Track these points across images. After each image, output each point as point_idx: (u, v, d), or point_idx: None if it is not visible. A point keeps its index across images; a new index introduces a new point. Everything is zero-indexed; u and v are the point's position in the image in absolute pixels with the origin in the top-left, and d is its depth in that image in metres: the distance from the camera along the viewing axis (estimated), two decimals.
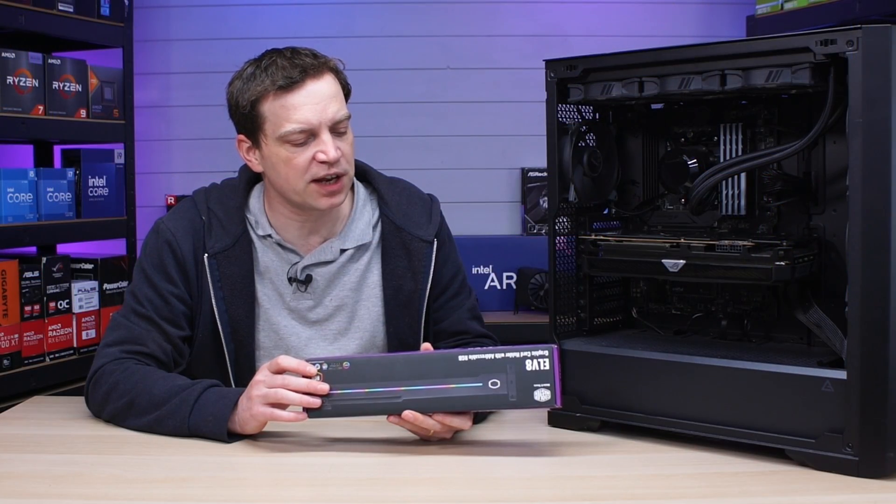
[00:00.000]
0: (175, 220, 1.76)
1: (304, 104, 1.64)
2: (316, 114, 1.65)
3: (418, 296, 1.77)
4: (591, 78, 1.59)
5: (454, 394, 1.47)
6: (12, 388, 2.42)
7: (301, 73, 1.65)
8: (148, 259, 1.74)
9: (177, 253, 1.72)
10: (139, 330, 1.68)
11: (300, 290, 1.76)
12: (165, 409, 1.55)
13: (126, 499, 1.29)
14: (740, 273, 1.48)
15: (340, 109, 1.68)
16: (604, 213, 1.74)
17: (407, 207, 1.81)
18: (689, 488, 1.33)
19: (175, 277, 1.72)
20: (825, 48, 1.34)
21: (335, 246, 1.77)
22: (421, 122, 3.51)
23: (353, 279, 1.78)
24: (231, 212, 1.76)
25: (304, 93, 1.65)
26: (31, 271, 2.51)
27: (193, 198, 1.80)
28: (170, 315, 1.70)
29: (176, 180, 3.49)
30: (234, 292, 1.73)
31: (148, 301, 1.70)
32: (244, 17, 3.47)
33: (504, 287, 3.28)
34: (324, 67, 1.68)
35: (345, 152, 1.68)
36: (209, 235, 1.73)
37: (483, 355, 1.46)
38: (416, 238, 1.78)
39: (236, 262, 1.73)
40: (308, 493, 1.33)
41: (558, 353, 1.47)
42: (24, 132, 2.55)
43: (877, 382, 1.32)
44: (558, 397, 1.45)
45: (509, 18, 3.52)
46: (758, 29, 3.16)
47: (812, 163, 1.55)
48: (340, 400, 1.49)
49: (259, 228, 1.76)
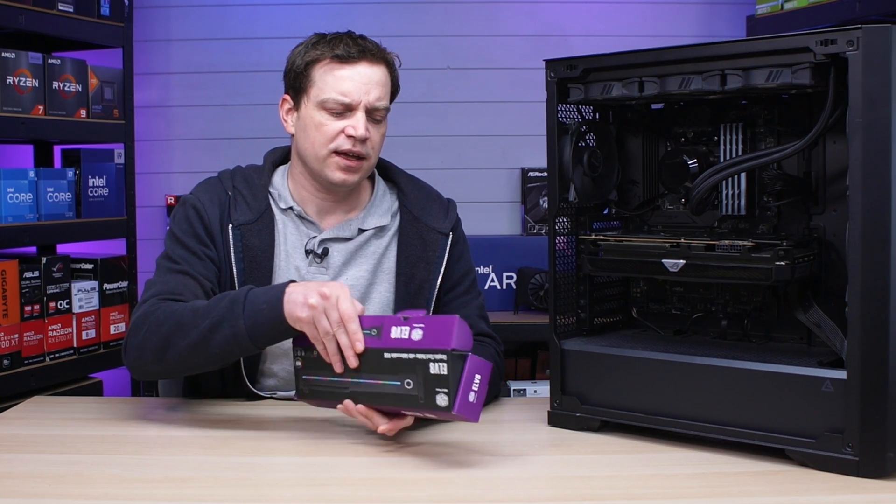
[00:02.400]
0: (202, 192, 1.81)
1: (352, 79, 1.73)
2: (359, 92, 1.73)
3: (429, 285, 1.80)
4: (591, 78, 1.59)
5: (381, 390, 1.45)
6: (12, 388, 2.42)
7: (360, 52, 1.74)
8: (178, 226, 1.77)
9: (204, 219, 1.77)
10: (174, 283, 1.69)
11: (316, 263, 1.79)
12: (216, 316, 1.54)
13: (126, 499, 1.29)
14: (740, 273, 1.48)
15: (382, 98, 1.76)
16: (604, 213, 1.74)
17: (425, 202, 1.87)
18: (689, 488, 1.33)
19: (205, 239, 1.76)
20: (825, 48, 1.34)
21: (354, 225, 1.82)
22: (421, 122, 3.51)
23: (371, 262, 1.82)
24: (256, 189, 1.82)
25: (356, 70, 1.74)
26: (31, 271, 2.51)
27: (219, 176, 1.86)
28: (204, 271, 1.73)
29: (176, 180, 3.48)
30: (254, 265, 1.76)
31: (182, 259, 1.73)
32: (244, 17, 3.47)
33: (504, 287, 3.28)
34: (381, 57, 1.78)
35: (373, 138, 1.76)
36: (234, 208, 1.78)
37: (401, 354, 1.42)
38: (433, 229, 1.83)
39: (258, 236, 1.77)
40: (308, 493, 1.33)
41: (475, 362, 1.38)
42: (24, 132, 2.55)
43: (877, 382, 1.32)
44: (456, 404, 1.35)
45: (509, 18, 3.52)
46: (758, 29, 3.16)
47: (812, 163, 1.55)
48: (314, 385, 1.52)
49: (281, 202, 1.82)
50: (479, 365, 1.39)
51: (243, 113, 3.44)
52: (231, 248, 1.75)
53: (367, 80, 1.74)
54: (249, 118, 3.41)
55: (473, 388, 1.37)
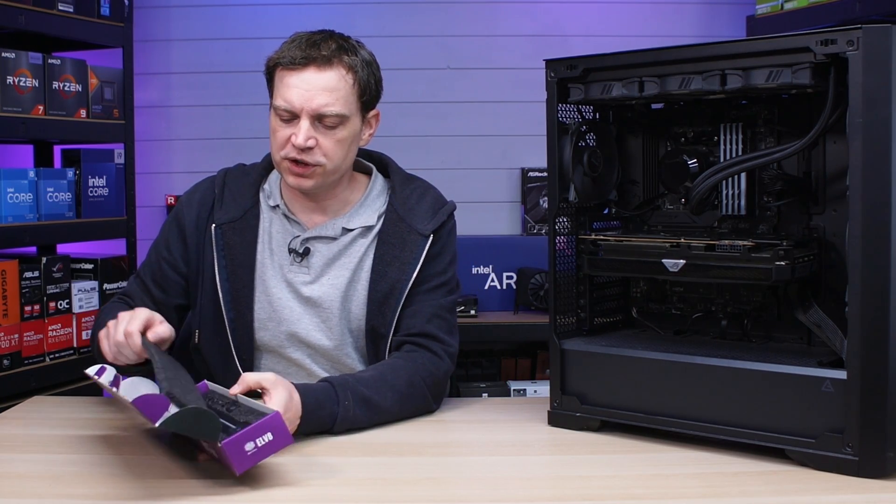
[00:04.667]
0: (189, 193, 1.89)
1: (297, 86, 1.71)
2: (301, 99, 1.70)
3: (401, 286, 1.77)
4: (592, 78, 1.59)
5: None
6: (12, 388, 2.41)
7: (305, 59, 1.71)
8: (160, 234, 1.89)
9: (181, 223, 1.84)
10: (133, 287, 1.88)
11: (296, 262, 1.79)
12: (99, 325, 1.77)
13: (126, 499, 1.29)
14: (740, 273, 1.48)
15: (330, 106, 1.71)
16: (604, 213, 1.74)
17: (416, 203, 1.83)
18: (689, 488, 1.33)
19: (173, 246, 1.84)
20: (825, 48, 1.34)
21: (338, 224, 1.81)
22: (421, 122, 3.51)
23: (353, 261, 1.81)
24: (245, 187, 1.85)
25: (301, 77, 1.71)
26: (31, 271, 2.51)
27: (217, 173, 1.90)
28: (160, 280, 1.84)
29: (176, 180, 3.48)
30: (235, 262, 1.79)
31: (147, 264, 1.87)
32: (244, 17, 3.47)
33: (504, 287, 3.28)
34: (334, 61, 1.72)
35: (323, 145, 1.72)
36: (219, 207, 1.83)
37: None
38: (414, 230, 1.80)
39: (240, 234, 1.81)
40: (308, 493, 1.33)
41: (277, 421, 1.32)
42: (24, 132, 2.55)
43: (877, 382, 1.32)
44: (228, 439, 1.30)
45: (509, 18, 3.52)
46: (758, 29, 3.16)
47: (812, 163, 1.55)
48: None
49: (271, 199, 1.84)
50: (278, 428, 1.33)
51: (243, 113, 3.44)
52: (213, 247, 1.79)
53: (310, 86, 1.70)
54: (249, 118, 3.41)
55: (258, 440, 1.31)
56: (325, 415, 1.58)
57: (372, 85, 1.77)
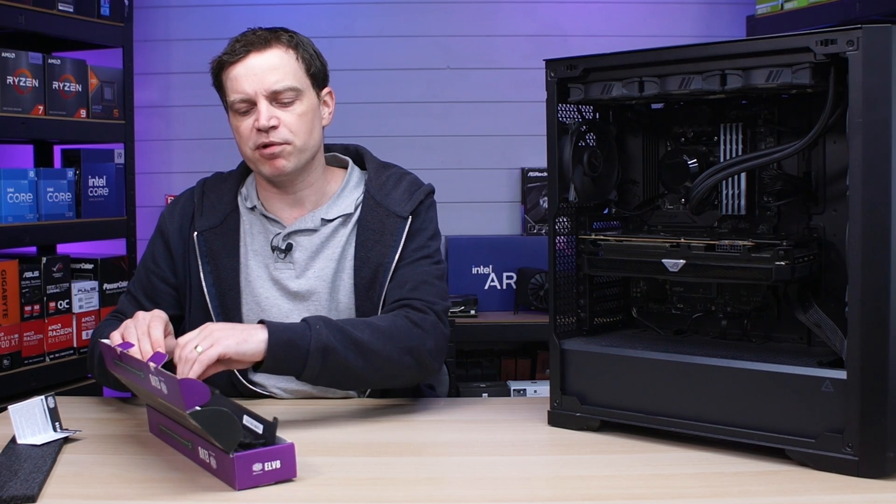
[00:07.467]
0: (170, 206, 1.93)
1: (244, 76, 1.75)
2: (252, 83, 1.75)
3: (384, 269, 1.78)
4: (592, 78, 1.59)
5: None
6: (12, 388, 2.42)
7: (244, 47, 1.76)
8: (147, 248, 1.92)
9: (164, 234, 1.88)
10: (125, 304, 1.89)
11: (280, 259, 1.81)
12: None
13: (126, 499, 1.29)
14: (740, 273, 1.48)
15: (281, 81, 1.76)
16: (604, 213, 1.74)
17: (392, 188, 1.85)
18: (689, 488, 1.33)
19: (159, 258, 1.87)
20: (825, 48, 1.34)
21: (317, 215, 1.83)
22: (421, 122, 3.51)
23: (337, 251, 1.82)
24: (223, 193, 1.89)
25: (244, 65, 1.76)
26: (31, 271, 2.51)
27: (197, 183, 1.94)
28: (151, 293, 1.86)
29: (176, 180, 3.49)
30: (220, 267, 1.82)
31: (137, 279, 1.90)
32: (244, 17, 3.46)
33: (504, 287, 3.28)
34: (272, 41, 1.78)
35: (286, 122, 1.76)
36: (199, 215, 1.86)
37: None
38: (393, 213, 1.81)
39: (221, 239, 1.84)
40: (308, 493, 1.33)
41: (288, 451, 1.34)
42: (24, 132, 2.55)
43: (877, 382, 1.32)
44: (238, 454, 1.30)
45: (509, 18, 3.52)
46: (758, 29, 3.17)
47: (812, 163, 1.55)
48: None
49: (248, 202, 1.87)
50: (288, 459, 1.34)
51: None
52: (197, 254, 1.83)
53: (256, 69, 1.75)
54: None
55: (266, 464, 1.33)
56: (297, 337, 1.58)
57: (316, 59, 1.82)
